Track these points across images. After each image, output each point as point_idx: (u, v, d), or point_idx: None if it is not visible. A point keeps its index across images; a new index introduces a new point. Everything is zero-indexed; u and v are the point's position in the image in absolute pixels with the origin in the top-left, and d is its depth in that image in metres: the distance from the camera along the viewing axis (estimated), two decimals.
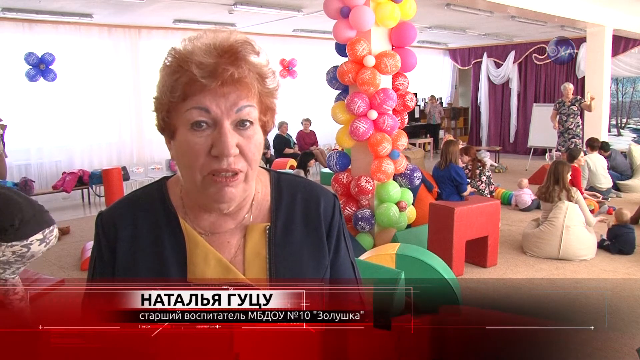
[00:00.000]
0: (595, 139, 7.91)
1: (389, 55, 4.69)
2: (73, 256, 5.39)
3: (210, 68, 0.78)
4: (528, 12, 7.69)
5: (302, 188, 0.97)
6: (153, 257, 0.88)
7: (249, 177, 0.85)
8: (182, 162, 0.84)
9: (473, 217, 4.59)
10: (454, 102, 15.32)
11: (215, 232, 0.91)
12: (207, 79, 0.78)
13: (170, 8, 7.68)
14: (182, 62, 0.80)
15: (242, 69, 0.80)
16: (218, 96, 0.80)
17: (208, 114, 0.80)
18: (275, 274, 0.89)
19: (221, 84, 0.79)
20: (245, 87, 0.82)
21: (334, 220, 0.96)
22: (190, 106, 0.81)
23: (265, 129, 0.89)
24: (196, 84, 0.79)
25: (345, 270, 0.98)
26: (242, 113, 0.82)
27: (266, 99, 0.87)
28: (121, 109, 9.20)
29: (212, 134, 0.81)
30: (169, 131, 0.86)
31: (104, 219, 0.92)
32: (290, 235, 0.92)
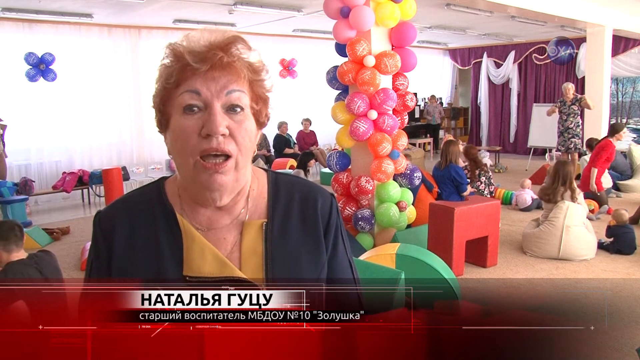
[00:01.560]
0: (595, 139, 7.91)
1: (389, 55, 4.69)
2: (73, 256, 5.39)
3: (202, 55, 0.82)
4: (528, 12, 7.69)
5: (299, 187, 0.98)
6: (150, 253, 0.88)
7: (240, 164, 0.86)
8: (176, 149, 0.86)
9: (473, 217, 4.59)
10: (454, 102, 15.32)
11: (211, 227, 0.91)
12: (198, 63, 0.82)
13: (170, 8, 7.68)
14: (177, 53, 0.84)
15: (232, 55, 0.83)
16: (208, 80, 0.83)
17: (199, 96, 0.83)
18: (272, 271, 0.89)
19: (211, 68, 0.82)
20: (235, 72, 0.84)
21: (332, 219, 0.97)
22: (182, 90, 0.84)
23: (258, 119, 0.90)
24: (188, 69, 0.83)
25: (343, 269, 0.98)
26: (231, 97, 0.84)
27: (257, 88, 0.89)
28: (121, 109, 9.20)
29: (202, 116, 0.83)
30: (165, 121, 0.88)
31: (101, 218, 0.93)
32: (287, 233, 0.93)
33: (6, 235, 3.01)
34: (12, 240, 3.01)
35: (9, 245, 3.01)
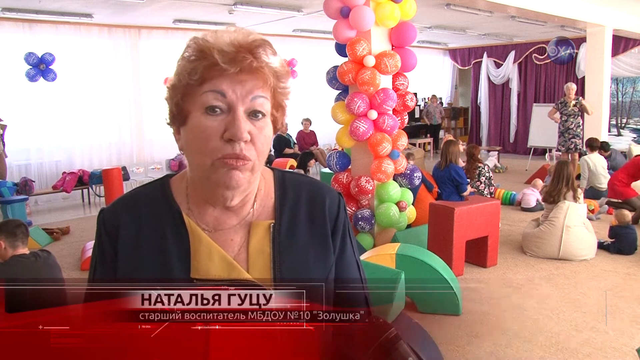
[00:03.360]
0: (595, 139, 7.90)
1: (389, 55, 4.69)
2: (73, 256, 5.39)
3: (231, 55, 0.80)
4: (528, 12, 7.69)
5: (307, 186, 0.97)
6: (156, 254, 0.87)
7: (256, 168, 0.85)
8: (193, 147, 0.84)
9: (473, 217, 4.59)
10: (454, 102, 15.32)
11: (218, 228, 0.90)
12: (227, 64, 0.80)
13: (170, 8, 7.68)
14: (204, 48, 0.82)
15: (261, 60, 0.82)
16: (235, 82, 0.81)
17: (224, 98, 0.81)
18: (280, 272, 0.88)
19: (240, 71, 0.81)
20: (262, 77, 0.83)
21: (339, 219, 0.96)
22: (207, 89, 0.82)
23: (275, 126, 0.90)
24: (215, 69, 0.81)
25: (350, 269, 0.97)
26: (256, 102, 0.83)
27: (279, 95, 0.89)
28: (121, 109, 9.20)
29: (225, 119, 0.82)
30: (181, 117, 0.86)
31: (105, 216, 0.91)
32: (294, 233, 0.92)
33: (14, 231, 3.11)
34: (19, 237, 3.11)
35: (15, 242, 3.10)
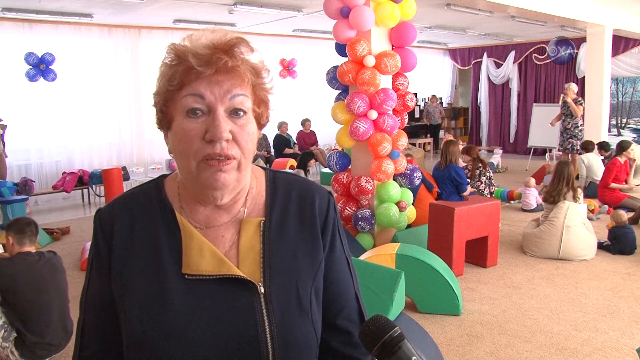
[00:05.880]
0: (591, 141, 7.94)
1: (389, 55, 4.69)
2: (73, 256, 5.40)
3: (206, 57, 0.82)
4: (528, 12, 7.69)
5: (297, 185, 0.99)
6: (149, 251, 0.89)
7: (242, 165, 0.87)
8: (178, 150, 0.86)
9: (473, 217, 4.59)
10: (454, 102, 15.33)
11: (210, 225, 0.92)
12: (203, 67, 0.82)
13: (170, 8, 7.68)
14: (180, 54, 0.84)
15: (236, 59, 0.84)
16: (212, 83, 0.83)
17: (203, 100, 0.83)
18: (269, 268, 0.90)
19: (215, 72, 0.83)
20: (239, 76, 0.85)
21: (329, 217, 0.98)
22: (186, 93, 0.84)
23: (259, 121, 0.92)
24: (192, 72, 0.83)
25: (340, 266, 0.99)
26: (235, 101, 0.85)
27: (260, 91, 0.90)
28: (121, 109, 9.21)
29: (206, 120, 0.84)
30: (166, 121, 0.89)
31: (101, 216, 0.93)
32: (284, 230, 0.94)
33: (22, 228, 3.13)
34: (27, 235, 3.13)
35: (23, 239, 3.12)
